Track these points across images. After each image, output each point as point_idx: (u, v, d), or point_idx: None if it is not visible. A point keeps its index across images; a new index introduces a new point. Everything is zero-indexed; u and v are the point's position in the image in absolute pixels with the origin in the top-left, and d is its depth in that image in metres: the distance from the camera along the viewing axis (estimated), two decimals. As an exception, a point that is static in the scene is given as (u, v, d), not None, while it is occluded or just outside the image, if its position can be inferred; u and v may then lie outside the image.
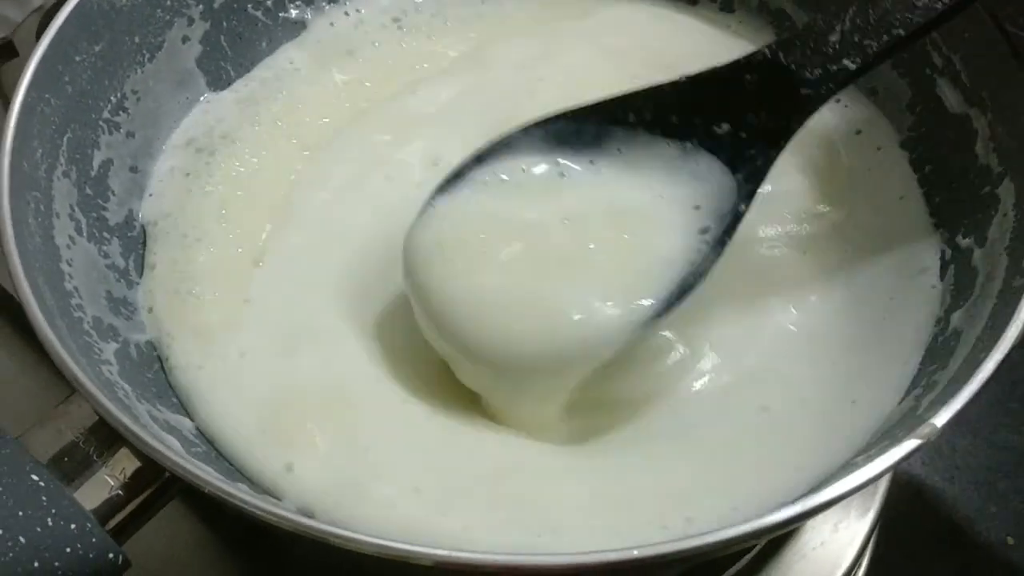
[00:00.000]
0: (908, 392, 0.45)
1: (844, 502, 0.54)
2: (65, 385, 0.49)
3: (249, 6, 0.61)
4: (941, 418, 0.36)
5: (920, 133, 0.55)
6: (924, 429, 0.36)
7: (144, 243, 0.53)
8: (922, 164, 0.55)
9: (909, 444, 0.36)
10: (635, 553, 0.32)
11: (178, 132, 0.58)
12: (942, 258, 0.50)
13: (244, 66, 0.61)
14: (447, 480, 0.43)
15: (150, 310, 0.50)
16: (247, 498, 0.35)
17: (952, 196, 0.52)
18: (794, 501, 0.35)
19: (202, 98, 0.59)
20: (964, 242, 0.49)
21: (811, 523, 0.54)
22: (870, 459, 0.36)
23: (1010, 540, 0.66)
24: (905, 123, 0.56)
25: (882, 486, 0.57)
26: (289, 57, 0.62)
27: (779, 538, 0.54)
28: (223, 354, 0.48)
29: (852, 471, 0.36)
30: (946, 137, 0.53)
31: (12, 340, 0.61)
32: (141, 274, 0.52)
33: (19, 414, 0.40)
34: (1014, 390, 0.72)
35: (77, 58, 0.51)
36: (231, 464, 0.44)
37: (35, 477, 0.36)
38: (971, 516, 0.66)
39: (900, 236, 0.52)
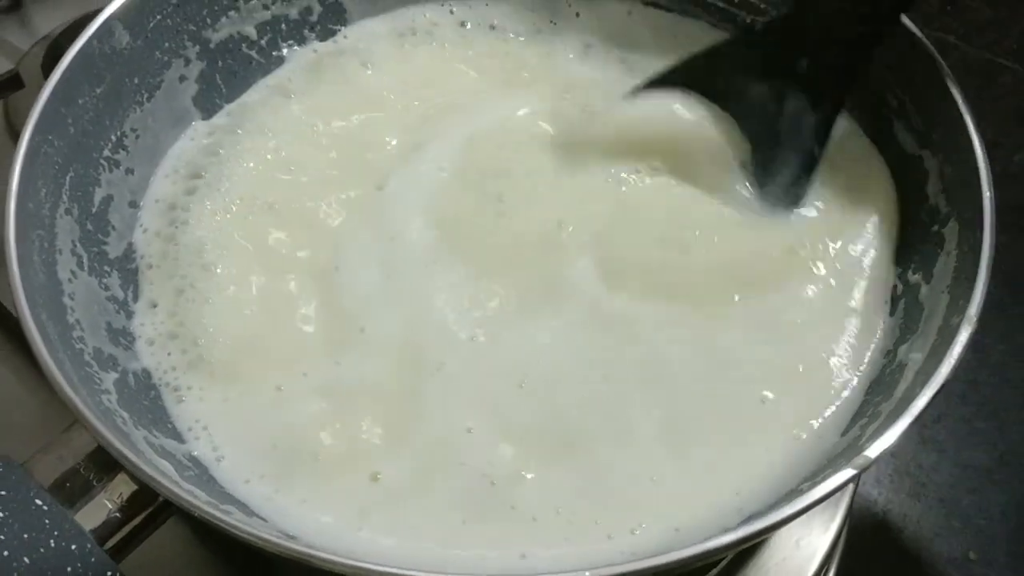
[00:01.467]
0: (855, 421, 0.48)
1: (806, 519, 0.58)
2: (67, 412, 0.52)
3: (243, 45, 0.64)
4: (874, 451, 0.39)
5: (881, 172, 0.59)
6: (859, 460, 0.39)
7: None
8: (881, 201, 0.58)
9: (845, 473, 0.39)
10: (586, 574, 0.35)
11: (166, 162, 0.60)
12: (894, 292, 0.53)
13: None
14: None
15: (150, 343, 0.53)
16: (234, 521, 0.38)
17: (906, 233, 0.55)
18: (738, 526, 0.38)
19: (191, 125, 0.62)
20: (913, 278, 0.52)
21: (774, 538, 0.57)
22: (813, 485, 0.39)
23: (972, 555, 0.68)
24: (868, 161, 0.59)
25: (844, 502, 0.59)
26: (274, 83, 0.65)
27: (740, 553, 0.56)
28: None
29: (794, 498, 0.39)
30: (904, 176, 0.56)
31: (19, 365, 0.64)
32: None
33: (25, 439, 0.43)
34: (980, 410, 0.74)
35: (80, 100, 0.54)
36: (222, 487, 0.47)
37: (39, 501, 0.39)
38: (935, 531, 0.69)
39: (861, 270, 0.55)
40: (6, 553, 0.37)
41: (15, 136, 0.78)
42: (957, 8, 1.01)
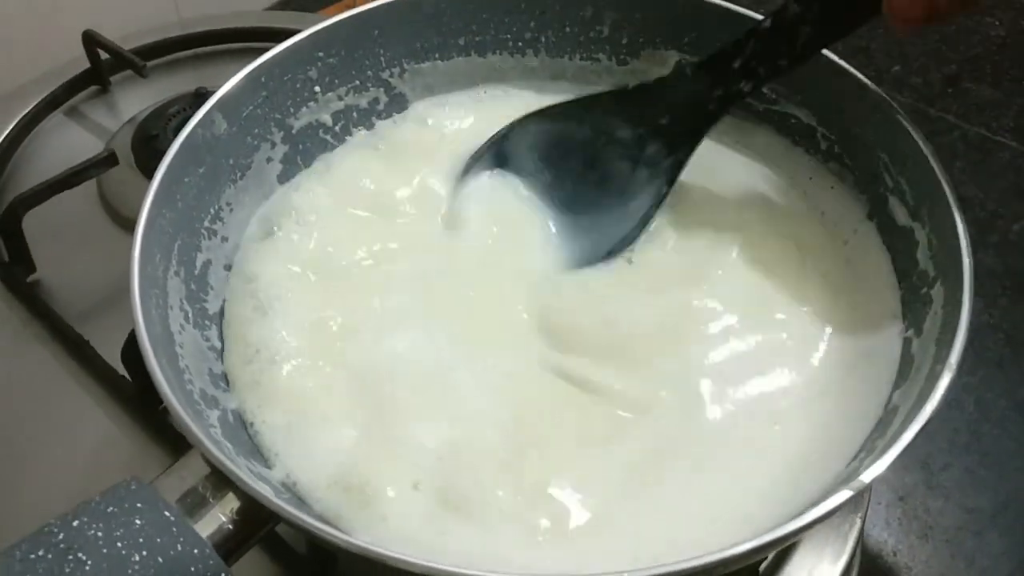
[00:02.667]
0: (856, 456, 0.54)
1: (817, 550, 0.64)
2: (162, 447, 0.60)
3: (320, 131, 0.72)
4: (867, 476, 0.46)
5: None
6: (854, 483, 0.46)
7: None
8: (879, 266, 0.65)
9: (843, 495, 0.46)
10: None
11: (251, 230, 0.68)
12: (893, 345, 0.61)
13: (314, 178, 0.73)
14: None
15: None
16: (328, 529, 0.46)
17: (903, 295, 0.62)
18: (750, 539, 0.45)
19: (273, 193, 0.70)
20: (907, 333, 0.59)
21: (786, 566, 0.63)
22: (813, 506, 0.46)
23: (975, 591, 0.73)
24: (866, 230, 0.67)
25: (852, 536, 0.65)
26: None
27: (755, 582, 0.63)
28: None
29: (798, 517, 0.46)
30: (896, 245, 0.64)
31: (113, 411, 0.73)
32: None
33: (132, 469, 0.50)
34: (983, 460, 0.79)
35: (186, 179, 0.62)
36: (309, 507, 0.54)
37: (167, 513, 0.46)
38: (942, 570, 0.73)
39: (871, 327, 0.62)
40: (144, 553, 0.44)
41: (108, 209, 0.88)
42: (958, 90, 1.09)
